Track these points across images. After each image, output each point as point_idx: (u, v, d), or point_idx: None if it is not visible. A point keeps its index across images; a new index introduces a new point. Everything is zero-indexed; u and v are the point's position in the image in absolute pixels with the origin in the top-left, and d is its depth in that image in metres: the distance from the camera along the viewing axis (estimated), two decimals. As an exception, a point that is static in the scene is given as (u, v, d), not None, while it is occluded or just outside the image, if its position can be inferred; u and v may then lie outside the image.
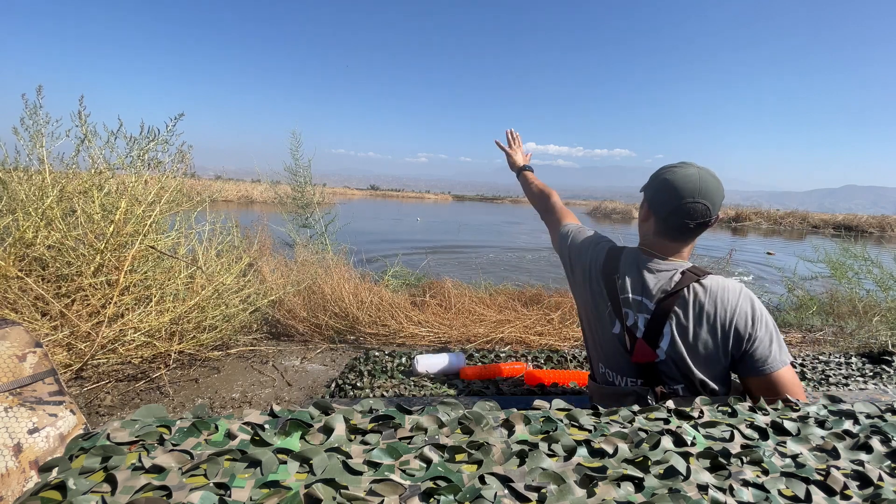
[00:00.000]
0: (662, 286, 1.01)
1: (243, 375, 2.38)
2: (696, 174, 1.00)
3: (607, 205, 36.14)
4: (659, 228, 1.06)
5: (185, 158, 2.78)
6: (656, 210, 1.05)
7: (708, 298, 0.98)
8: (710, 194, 0.99)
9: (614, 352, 1.06)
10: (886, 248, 11.73)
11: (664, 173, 1.04)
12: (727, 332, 0.96)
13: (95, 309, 2.19)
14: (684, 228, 1.02)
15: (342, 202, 14.68)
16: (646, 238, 1.11)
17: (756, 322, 0.96)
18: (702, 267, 1.06)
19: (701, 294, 0.98)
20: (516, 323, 3.20)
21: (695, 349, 0.97)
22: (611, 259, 1.11)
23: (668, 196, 1.01)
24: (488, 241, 13.57)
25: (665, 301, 0.99)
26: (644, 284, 1.03)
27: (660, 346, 0.99)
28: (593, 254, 1.16)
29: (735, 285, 1.00)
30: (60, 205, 2.36)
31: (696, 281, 0.99)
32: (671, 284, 1.01)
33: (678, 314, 0.98)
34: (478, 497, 0.41)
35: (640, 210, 1.15)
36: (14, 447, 0.78)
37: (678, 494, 0.42)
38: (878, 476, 0.47)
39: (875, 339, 2.77)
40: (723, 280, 1.01)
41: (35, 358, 0.89)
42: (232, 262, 2.90)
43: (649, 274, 1.04)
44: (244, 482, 0.41)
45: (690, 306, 0.98)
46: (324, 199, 5.65)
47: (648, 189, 1.09)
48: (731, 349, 0.97)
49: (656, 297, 1.01)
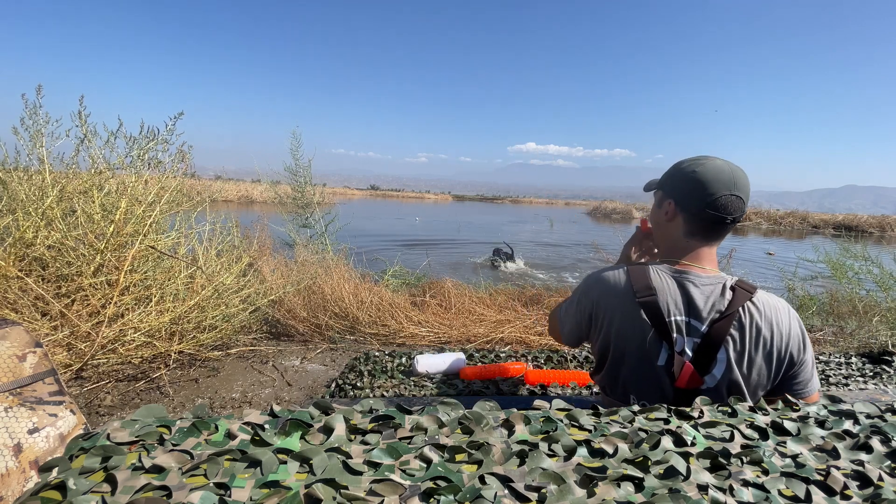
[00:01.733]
0: (714, 305, 0.88)
1: (243, 375, 2.38)
2: (727, 166, 0.91)
3: (607, 205, 36.14)
4: (691, 228, 0.94)
5: (186, 158, 2.79)
6: (687, 206, 0.93)
7: (764, 321, 0.87)
8: (745, 187, 0.91)
9: (657, 384, 0.91)
10: (886, 248, 11.74)
11: (689, 167, 0.93)
12: (782, 358, 0.88)
13: (95, 309, 2.19)
14: (721, 225, 0.92)
15: (342, 202, 14.73)
16: (673, 242, 0.97)
17: (805, 345, 0.89)
18: (746, 280, 0.95)
19: (757, 316, 0.87)
20: (516, 323, 3.20)
21: (749, 377, 0.88)
22: (638, 277, 0.93)
23: (700, 190, 0.90)
24: (487, 239, 13.60)
25: (719, 323, 0.87)
26: (690, 303, 0.89)
27: (711, 373, 0.87)
28: (609, 281, 0.97)
29: (784, 304, 0.91)
30: (60, 205, 2.36)
31: (749, 300, 0.88)
32: (724, 303, 0.88)
33: (734, 338, 0.86)
34: (478, 497, 0.41)
35: (657, 212, 1.01)
36: (14, 447, 0.78)
37: (678, 494, 0.42)
38: (878, 476, 0.47)
39: (875, 339, 2.77)
40: (772, 298, 0.91)
41: (35, 358, 0.90)
42: (232, 261, 2.90)
43: (694, 289, 0.90)
44: (244, 482, 0.41)
45: (748, 330, 0.86)
46: (324, 199, 5.65)
47: (670, 186, 0.97)
48: (781, 374, 0.89)
49: (708, 319, 0.88)
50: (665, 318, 0.88)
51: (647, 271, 0.93)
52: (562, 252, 12.59)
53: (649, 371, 0.90)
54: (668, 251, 0.99)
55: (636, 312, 0.90)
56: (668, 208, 0.97)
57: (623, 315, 0.92)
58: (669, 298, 0.89)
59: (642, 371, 0.91)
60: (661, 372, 0.88)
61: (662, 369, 0.88)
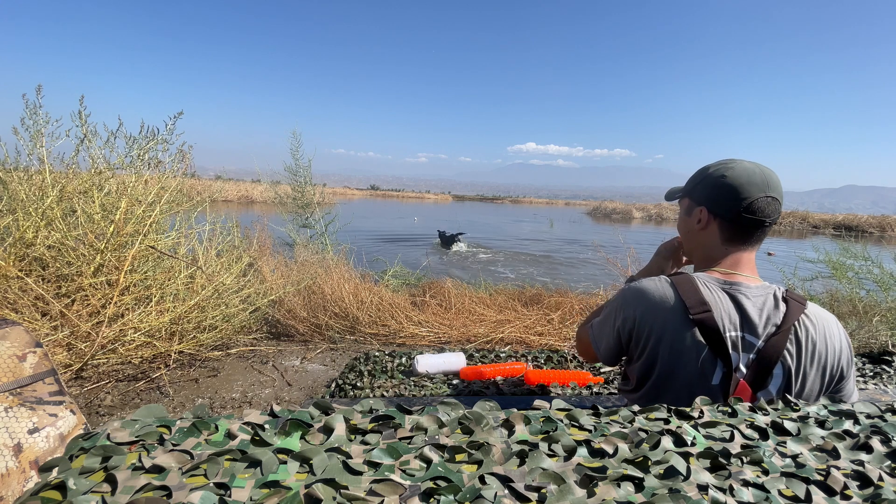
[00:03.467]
0: (769, 319, 0.84)
1: (243, 375, 2.38)
2: (757, 168, 0.88)
3: (607, 205, 36.14)
4: (728, 234, 0.90)
5: (186, 158, 2.79)
6: (722, 212, 0.89)
7: (818, 335, 0.84)
8: (778, 187, 0.87)
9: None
10: (886, 248, 11.75)
11: (718, 172, 0.90)
12: (834, 373, 0.85)
13: (95, 309, 2.19)
14: (759, 229, 0.88)
15: (342, 202, 14.87)
16: (711, 251, 0.93)
17: (852, 358, 0.87)
18: (794, 291, 0.91)
19: (812, 330, 0.84)
20: (516, 323, 3.20)
21: (801, 392, 0.84)
22: (689, 291, 0.86)
23: (734, 195, 0.87)
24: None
25: (775, 338, 0.82)
26: (744, 317, 0.84)
27: (766, 389, 0.83)
28: (654, 295, 0.88)
29: (832, 317, 0.88)
30: (60, 205, 2.36)
31: (803, 312, 0.84)
32: (779, 316, 0.84)
33: (791, 353, 0.83)
34: (478, 497, 0.41)
35: (687, 221, 0.97)
36: (14, 447, 0.78)
37: (678, 494, 0.42)
38: (878, 476, 0.47)
39: (875, 339, 2.77)
40: (822, 310, 0.88)
41: (35, 358, 0.89)
42: (232, 261, 2.91)
43: (747, 302, 0.85)
44: (244, 482, 0.41)
45: (804, 345, 0.83)
46: (324, 199, 5.66)
47: (700, 193, 0.93)
48: (830, 388, 0.86)
49: (764, 333, 0.83)
50: (722, 335, 0.82)
51: (695, 284, 0.87)
52: (526, 245, 13.74)
53: (701, 391, 0.82)
54: (705, 260, 0.94)
55: (689, 330, 0.84)
56: (701, 216, 0.93)
57: (674, 333, 0.85)
58: (723, 313, 0.84)
59: (693, 391, 0.82)
60: (715, 391, 0.83)
61: (717, 388, 0.82)
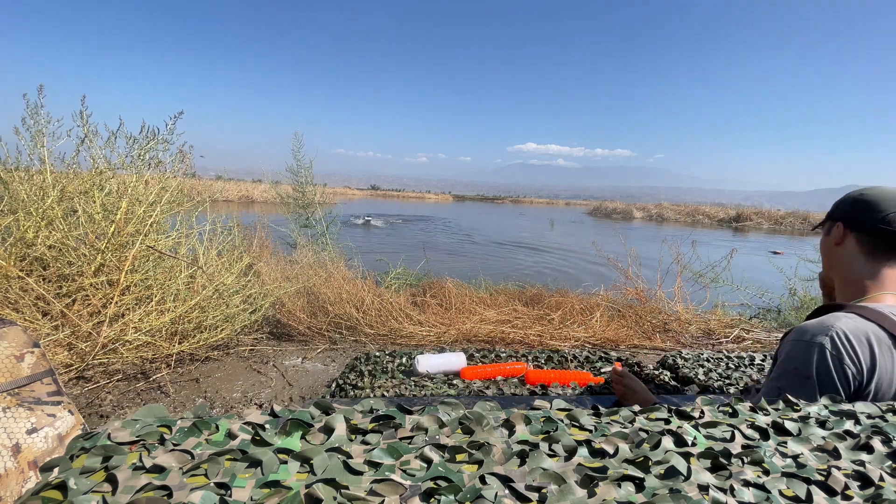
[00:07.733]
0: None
1: (244, 375, 2.38)
2: (893, 189, 0.90)
3: (608, 205, 36.16)
4: (868, 247, 0.90)
5: (187, 158, 2.79)
6: (859, 225, 0.90)
7: None
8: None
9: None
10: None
11: (857, 192, 0.92)
12: None
13: (96, 309, 2.19)
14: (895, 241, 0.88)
15: (343, 202, 15.03)
16: (852, 267, 0.92)
17: None
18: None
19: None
20: (516, 323, 3.20)
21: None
22: (893, 325, 0.80)
23: (870, 209, 0.89)
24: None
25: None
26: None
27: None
28: (869, 337, 0.80)
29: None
30: (61, 205, 2.37)
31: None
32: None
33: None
34: (478, 497, 0.41)
35: (826, 241, 0.97)
36: (13, 447, 0.77)
37: (679, 495, 0.42)
38: (879, 476, 0.47)
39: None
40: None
41: (33, 358, 0.89)
42: (232, 261, 2.91)
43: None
44: (245, 482, 0.41)
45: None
46: (325, 199, 5.66)
47: (838, 211, 0.95)
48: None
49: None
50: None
51: (886, 315, 0.81)
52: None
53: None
54: (845, 282, 0.93)
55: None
56: (837, 231, 0.94)
57: (892, 374, 0.79)
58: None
59: None
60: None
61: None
